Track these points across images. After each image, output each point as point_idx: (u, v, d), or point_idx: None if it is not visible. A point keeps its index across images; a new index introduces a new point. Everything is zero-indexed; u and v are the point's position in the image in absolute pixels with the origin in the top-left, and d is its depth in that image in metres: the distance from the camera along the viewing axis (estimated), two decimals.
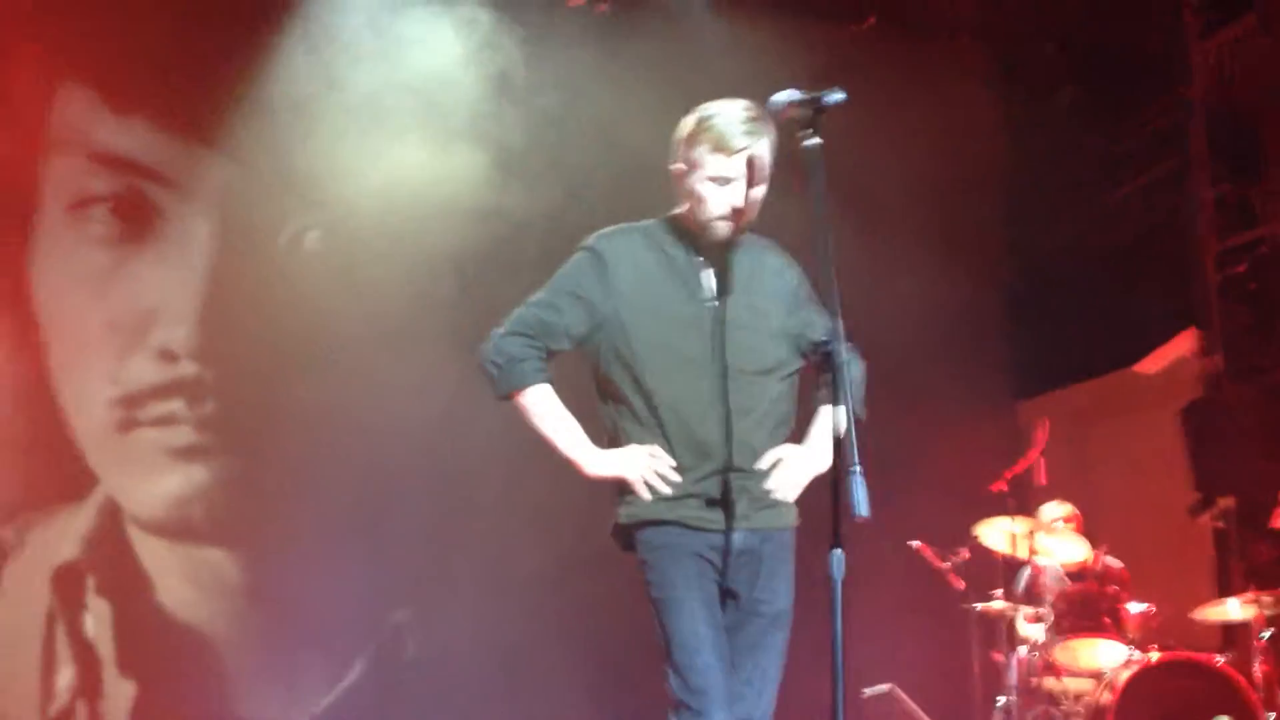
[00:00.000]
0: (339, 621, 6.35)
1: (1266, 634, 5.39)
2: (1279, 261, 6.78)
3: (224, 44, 6.36)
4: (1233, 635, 6.26)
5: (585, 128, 6.61)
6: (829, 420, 2.89)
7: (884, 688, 6.00)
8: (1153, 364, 7.23)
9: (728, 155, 2.95)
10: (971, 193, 7.23)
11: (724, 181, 2.96)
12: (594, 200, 6.20)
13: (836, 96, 2.74)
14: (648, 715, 3.04)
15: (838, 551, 2.58)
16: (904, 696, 5.93)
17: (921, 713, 5.92)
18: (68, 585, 6.15)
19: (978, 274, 7.34)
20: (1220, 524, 6.64)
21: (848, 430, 2.62)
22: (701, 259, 3.05)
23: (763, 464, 2.98)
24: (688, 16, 6.69)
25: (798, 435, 3.11)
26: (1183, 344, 7.11)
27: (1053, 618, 5.59)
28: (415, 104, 6.54)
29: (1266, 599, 5.38)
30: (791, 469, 2.99)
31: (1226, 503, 6.58)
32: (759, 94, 2.96)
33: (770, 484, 2.98)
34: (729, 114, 2.97)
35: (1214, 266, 6.99)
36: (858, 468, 2.56)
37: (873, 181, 6.45)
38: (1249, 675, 5.29)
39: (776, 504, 3.01)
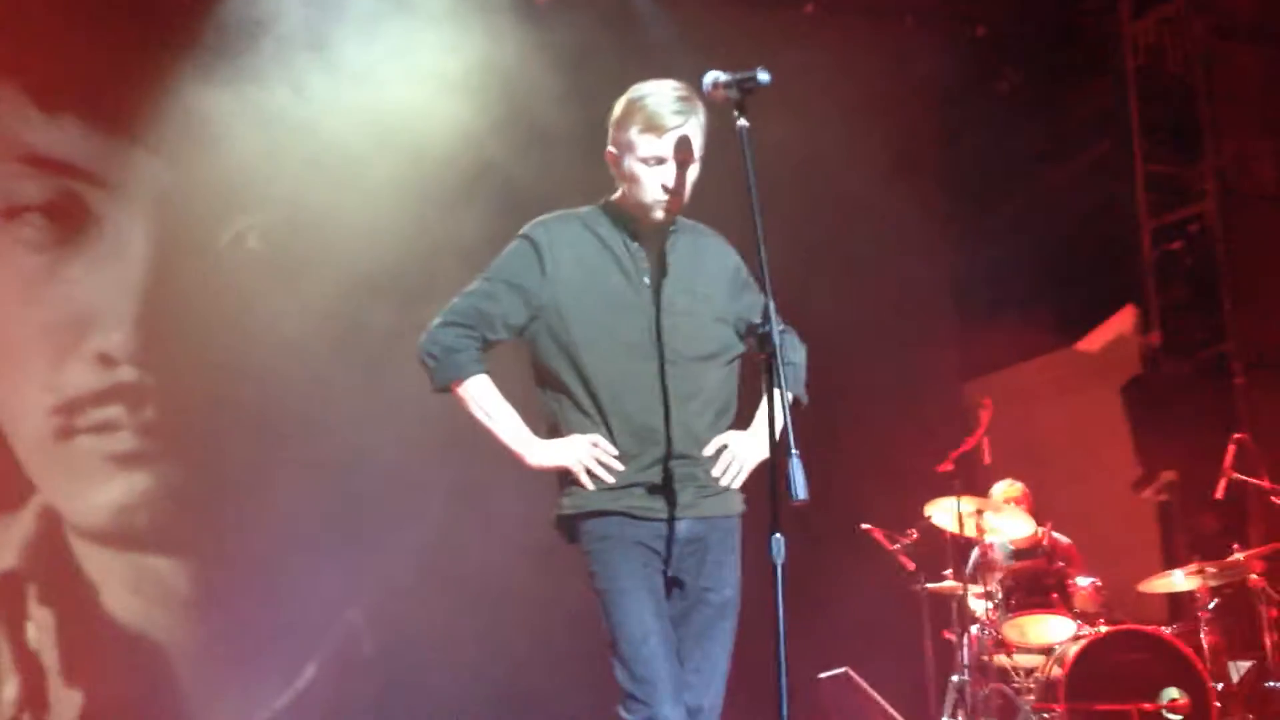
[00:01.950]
0: (290, 625, 6.28)
1: (1212, 604, 5.47)
2: (1213, 238, 6.89)
3: (155, 40, 6.26)
4: (1179, 607, 6.36)
5: (528, 116, 6.56)
6: (774, 405, 2.87)
7: (839, 671, 6.02)
8: (1093, 342, 7.32)
9: (659, 135, 2.92)
10: (911, 176, 7.27)
11: (657, 161, 2.94)
12: (544, 190, 6.16)
13: (764, 77, 2.74)
14: (602, 708, 3.02)
15: (777, 536, 2.57)
16: (858, 679, 5.96)
17: (876, 695, 5.94)
18: (8, 595, 6.04)
19: (920, 257, 7.38)
20: (1163, 497, 6.74)
21: (785, 414, 2.61)
22: (639, 244, 3.02)
23: (707, 451, 2.96)
24: (622, 2, 6.68)
25: (741, 422, 3.09)
26: (1122, 321, 7.21)
27: (1002, 595, 5.64)
28: (356, 98, 6.47)
29: (1211, 570, 5.46)
30: (736, 455, 2.98)
31: (1169, 476, 6.68)
32: (695, 78, 2.94)
33: (715, 471, 2.96)
34: (659, 94, 2.94)
35: (1150, 244, 7.09)
36: (795, 451, 2.54)
37: (814, 165, 6.47)
38: (1196, 646, 5.36)
39: (722, 491, 2.99)
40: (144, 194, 6.42)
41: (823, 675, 5.98)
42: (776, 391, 2.70)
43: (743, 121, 2.74)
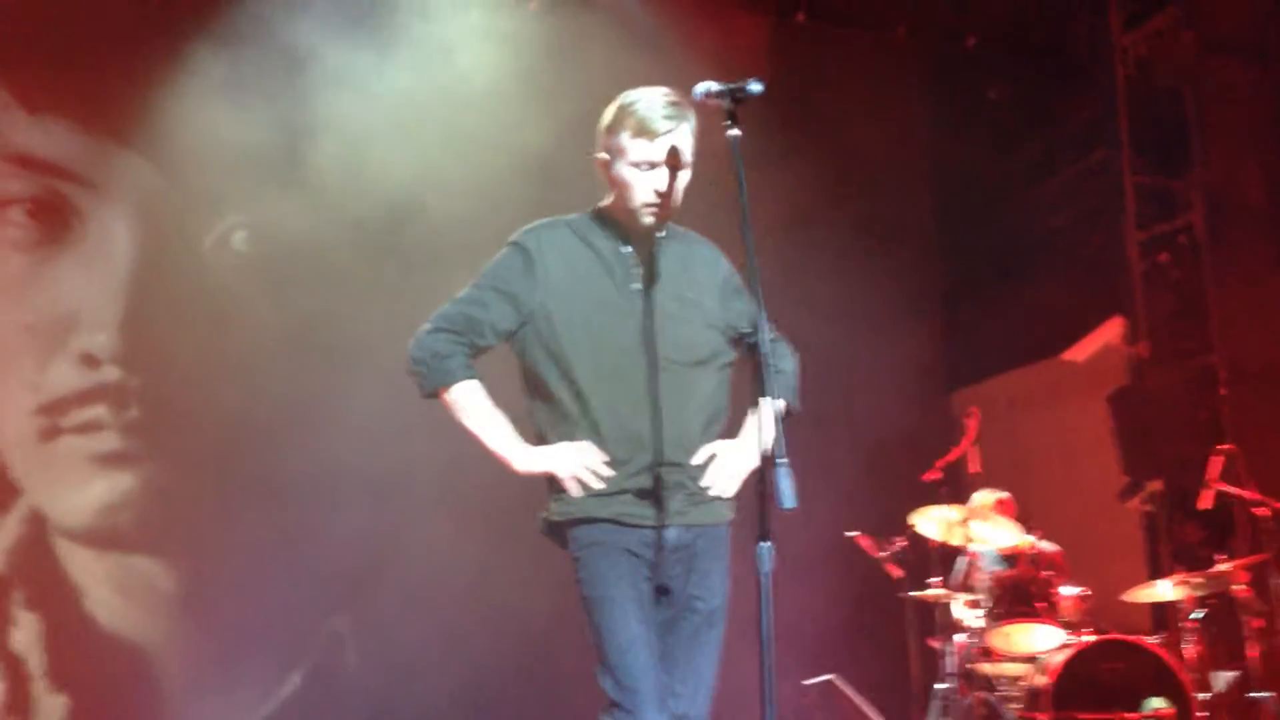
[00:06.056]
0: (275, 630, 6.24)
1: (1196, 615, 5.48)
2: (1200, 250, 6.91)
3: (141, 39, 6.23)
4: (1163, 616, 6.37)
5: (513, 124, 6.55)
6: (763, 413, 2.86)
7: (825, 678, 6.02)
8: (1080, 352, 7.33)
9: (650, 140, 2.93)
10: (902, 186, 7.28)
11: (648, 166, 2.94)
12: (534, 197, 6.15)
13: (755, 88, 2.73)
14: (588, 715, 3.00)
15: (765, 544, 2.56)
16: (845, 686, 5.95)
17: (861, 702, 5.94)
18: None
19: (908, 266, 7.40)
20: (1149, 507, 6.75)
21: (775, 421, 2.61)
22: (630, 250, 3.02)
23: (697, 459, 2.95)
24: (616, 9, 6.67)
25: (730, 432, 3.08)
26: (1109, 332, 7.22)
27: (988, 603, 5.64)
28: (341, 98, 6.45)
29: (1195, 580, 5.47)
30: (727, 463, 2.97)
31: (1155, 486, 6.69)
32: (685, 86, 2.94)
33: (706, 480, 2.96)
34: (650, 100, 2.95)
35: (1138, 255, 7.11)
36: (784, 459, 2.54)
37: (804, 174, 6.48)
38: (1180, 656, 5.37)
39: (711, 500, 2.98)
40: (129, 195, 6.39)
41: (808, 682, 5.97)
42: (765, 399, 2.69)
43: (734, 131, 2.73)
